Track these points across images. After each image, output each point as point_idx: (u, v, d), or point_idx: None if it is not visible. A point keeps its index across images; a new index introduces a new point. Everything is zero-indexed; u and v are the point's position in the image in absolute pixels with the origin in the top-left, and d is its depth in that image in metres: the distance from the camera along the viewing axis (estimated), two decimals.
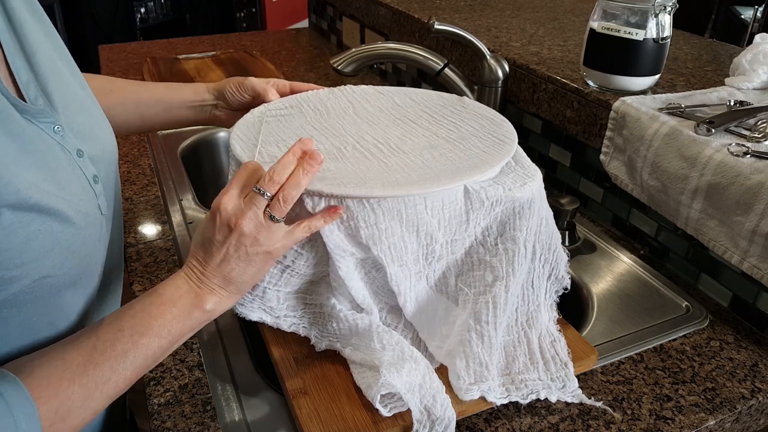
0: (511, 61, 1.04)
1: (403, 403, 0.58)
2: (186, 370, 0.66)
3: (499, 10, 1.42)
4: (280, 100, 0.77)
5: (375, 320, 0.63)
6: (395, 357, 0.60)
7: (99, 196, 0.55)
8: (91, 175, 0.54)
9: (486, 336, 0.61)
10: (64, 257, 0.49)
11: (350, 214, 0.57)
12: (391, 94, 0.80)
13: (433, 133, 0.70)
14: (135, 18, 3.59)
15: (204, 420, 0.60)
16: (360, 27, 1.66)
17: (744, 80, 0.88)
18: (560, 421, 0.62)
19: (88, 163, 0.54)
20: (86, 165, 0.54)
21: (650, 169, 0.80)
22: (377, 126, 0.71)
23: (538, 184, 0.63)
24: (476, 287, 0.63)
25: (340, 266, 0.59)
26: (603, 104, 0.88)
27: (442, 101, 0.78)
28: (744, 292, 0.78)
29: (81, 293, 0.55)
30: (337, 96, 0.79)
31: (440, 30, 0.94)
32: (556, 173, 1.07)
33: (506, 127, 0.70)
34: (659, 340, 0.74)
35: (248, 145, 0.65)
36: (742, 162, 0.69)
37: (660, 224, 0.89)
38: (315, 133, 0.69)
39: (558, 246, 0.67)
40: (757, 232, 0.68)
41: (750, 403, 0.66)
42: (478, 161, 0.62)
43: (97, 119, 0.60)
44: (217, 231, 0.52)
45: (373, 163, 0.62)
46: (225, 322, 0.74)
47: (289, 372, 0.63)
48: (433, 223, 0.58)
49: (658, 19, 0.83)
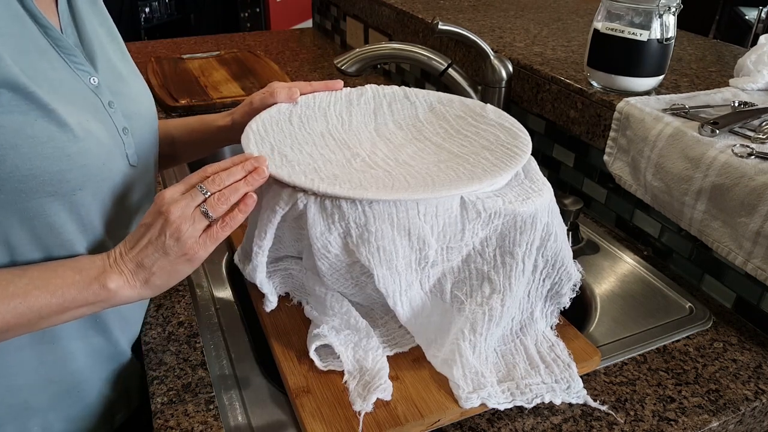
0: (515, 62, 1.04)
1: (341, 363, 0.62)
2: (189, 369, 0.66)
3: (502, 11, 1.42)
4: (309, 96, 0.75)
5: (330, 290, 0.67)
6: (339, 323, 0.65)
7: (128, 147, 0.61)
8: (121, 126, 0.61)
9: (479, 347, 0.62)
10: (59, 157, 0.53)
11: (342, 215, 0.57)
12: (416, 105, 0.78)
13: (445, 149, 0.70)
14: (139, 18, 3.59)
15: (207, 419, 0.60)
16: (364, 27, 1.66)
17: (748, 81, 0.88)
18: (563, 422, 0.62)
19: (119, 116, 0.61)
20: (117, 115, 0.60)
21: (654, 169, 0.80)
22: (392, 143, 0.72)
23: (544, 200, 0.61)
24: (473, 297, 0.63)
25: (321, 266, 0.61)
26: (607, 105, 0.88)
27: (464, 110, 0.76)
28: (748, 293, 0.78)
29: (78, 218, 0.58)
30: (366, 100, 0.78)
31: (444, 30, 0.94)
32: (560, 174, 1.07)
33: (522, 138, 0.68)
34: (662, 341, 0.74)
35: (263, 143, 0.65)
36: (746, 163, 0.69)
37: (663, 225, 0.89)
38: (331, 143, 0.71)
39: (567, 264, 0.65)
40: (761, 233, 0.68)
41: (754, 404, 0.65)
42: (481, 173, 0.62)
43: (137, 89, 0.67)
44: (149, 215, 0.55)
45: (377, 173, 0.63)
46: (228, 321, 0.74)
47: (292, 370, 0.63)
48: (425, 228, 0.58)
49: (663, 19, 0.83)
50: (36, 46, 0.54)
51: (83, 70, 0.58)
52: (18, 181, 0.52)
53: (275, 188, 0.60)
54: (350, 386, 0.60)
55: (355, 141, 0.72)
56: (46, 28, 0.55)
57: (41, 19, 0.54)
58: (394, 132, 0.75)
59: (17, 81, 0.50)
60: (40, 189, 0.53)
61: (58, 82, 0.55)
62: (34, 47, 0.54)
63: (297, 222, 0.62)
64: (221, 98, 1.36)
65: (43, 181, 0.53)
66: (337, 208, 0.57)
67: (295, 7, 3.67)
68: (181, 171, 1.11)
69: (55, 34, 0.56)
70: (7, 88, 0.49)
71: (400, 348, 0.65)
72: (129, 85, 0.66)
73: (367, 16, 1.62)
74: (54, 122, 0.52)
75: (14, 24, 0.52)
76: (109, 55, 0.64)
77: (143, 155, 0.65)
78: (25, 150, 0.51)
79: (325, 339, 0.63)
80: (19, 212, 0.54)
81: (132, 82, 0.67)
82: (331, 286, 0.65)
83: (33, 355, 0.61)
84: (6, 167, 0.51)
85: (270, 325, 0.69)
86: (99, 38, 0.64)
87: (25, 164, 0.51)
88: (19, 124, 0.50)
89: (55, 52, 0.56)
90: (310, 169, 0.63)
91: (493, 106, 0.75)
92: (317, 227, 0.58)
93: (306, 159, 0.65)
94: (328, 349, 0.64)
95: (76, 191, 0.56)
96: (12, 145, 0.50)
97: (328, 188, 0.56)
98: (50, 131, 0.52)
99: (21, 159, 0.51)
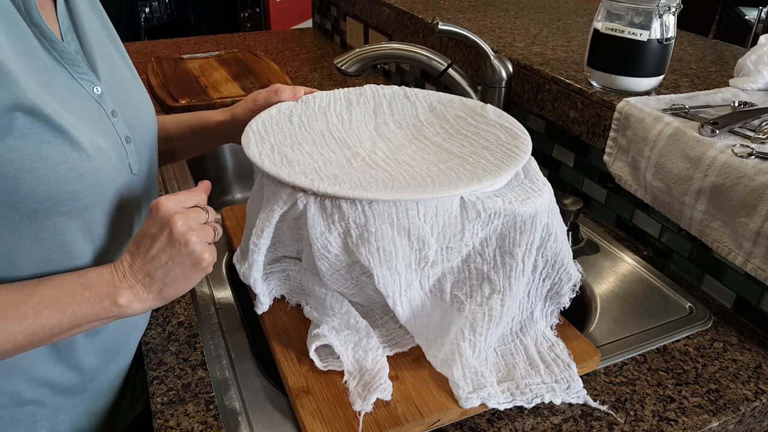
0: (515, 62, 1.04)
1: (341, 363, 0.62)
2: (189, 369, 0.66)
3: (502, 11, 1.42)
4: (309, 96, 0.76)
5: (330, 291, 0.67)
6: (339, 323, 0.64)
7: (130, 155, 0.60)
8: (123, 135, 0.60)
9: (478, 347, 0.62)
10: (73, 177, 0.53)
11: (342, 215, 0.57)
12: (417, 105, 0.78)
13: (445, 149, 0.70)
14: (139, 18, 3.59)
15: (207, 419, 0.60)
16: (364, 27, 1.66)
17: (748, 81, 0.88)
18: (563, 422, 0.62)
19: (122, 125, 0.60)
20: (119, 125, 0.60)
21: (654, 169, 0.80)
22: (392, 143, 0.72)
23: (544, 200, 0.61)
24: (473, 297, 0.63)
25: (321, 266, 0.61)
26: (607, 105, 0.88)
27: (464, 110, 0.76)
28: (748, 293, 0.78)
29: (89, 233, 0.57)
30: (365, 100, 0.78)
31: (444, 30, 0.94)
32: (560, 174, 1.07)
33: (522, 138, 0.68)
34: (662, 341, 0.74)
35: (263, 143, 0.65)
36: (746, 163, 0.69)
37: (663, 225, 0.89)
38: (331, 142, 0.71)
39: (567, 264, 0.65)
40: (761, 233, 0.68)
41: (754, 404, 0.65)
42: (481, 173, 0.62)
43: (137, 94, 0.66)
44: (153, 224, 0.54)
45: (377, 173, 0.63)
46: (228, 322, 0.74)
47: (292, 370, 0.63)
48: (425, 228, 0.58)
49: (663, 19, 0.83)
50: (43, 62, 0.53)
51: (86, 79, 0.57)
52: (34, 202, 0.51)
53: (275, 188, 0.60)
54: (350, 386, 0.60)
55: (355, 141, 0.72)
56: (53, 42, 0.54)
57: (47, 32, 0.53)
58: (394, 132, 0.75)
59: (32, 105, 0.49)
60: (55, 209, 0.53)
61: (63, 95, 0.54)
62: (42, 64, 0.53)
63: (297, 222, 0.62)
64: (221, 98, 1.36)
65: (57, 201, 0.53)
66: (337, 208, 0.57)
67: (295, 7, 3.67)
68: (181, 171, 1.11)
69: (61, 47, 0.55)
70: (22, 111, 0.48)
71: (400, 348, 0.65)
72: (130, 91, 0.65)
73: (367, 16, 1.62)
74: (67, 143, 0.52)
75: (22, 42, 0.51)
76: (110, 60, 0.63)
77: (144, 163, 0.64)
78: (41, 172, 0.50)
79: (325, 339, 0.63)
80: (32, 233, 0.53)
81: (133, 86, 0.66)
82: (331, 287, 0.65)
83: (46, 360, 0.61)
84: (22, 190, 0.50)
85: (270, 325, 0.69)
86: (101, 41, 0.63)
87: (41, 186, 0.51)
88: (34, 148, 0.50)
89: (60, 65, 0.55)
90: (310, 169, 0.63)
91: (493, 106, 0.75)
92: (317, 227, 0.58)
93: (306, 159, 0.66)
94: (328, 349, 0.64)
95: (88, 209, 0.56)
96: (28, 168, 0.50)
97: (328, 188, 0.56)
98: (64, 152, 0.52)
99: (37, 181, 0.50)
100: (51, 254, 0.56)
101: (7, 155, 0.48)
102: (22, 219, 0.52)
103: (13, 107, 0.48)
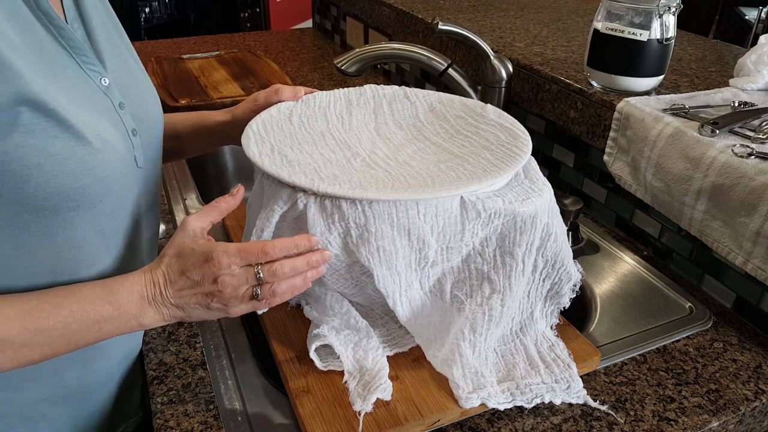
0: (515, 62, 1.04)
1: (341, 363, 0.62)
2: (189, 369, 0.66)
3: (502, 11, 1.42)
4: (309, 96, 0.76)
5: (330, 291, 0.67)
6: (339, 323, 0.65)
7: (137, 149, 0.60)
8: (130, 128, 0.60)
9: (478, 347, 0.62)
10: (81, 172, 0.52)
11: (342, 215, 0.57)
12: (417, 105, 0.78)
13: (445, 149, 0.70)
14: (139, 18, 3.59)
15: (207, 419, 0.60)
16: (364, 27, 1.66)
17: (748, 81, 0.88)
18: (563, 422, 0.62)
19: (129, 117, 0.60)
20: (126, 117, 0.59)
21: (654, 169, 0.80)
22: (392, 143, 0.72)
23: (544, 200, 0.61)
24: (473, 297, 0.63)
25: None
26: (607, 105, 0.88)
27: (464, 110, 0.76)
28: (748, 293, 0.78)
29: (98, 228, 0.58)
30: (365, 100, 0.78)
31: (444, 30, 0.94)
32: (560, 174, 1.07)
33: (522, 138, 0.68)
34: (662, 341, 0.74)
35: (263, 143, 0.65)
36: (746, 163, 0.69)
37: (663, 225, 0.89)
38: (331, 142, 0.71)
39: (567, 264, 0.65)
40: (761, 233, 0.68)
41: (754, 404, 0.65)
42: (481, 173, 0.62)
43: (144, 87, 0.66)
44: (200, 271, 0.54)
45: (377, 173, 0.63)
46: (228, 322, 0.74)
47: (292, 371, 0.63)
48: (425, 228, 0.58)
49: (663, 19, 0.83)
50: (50, 51, 0.52)
51: (94, 70, 0.57)
52: (42, 199, 0.51)
53: (275, 188, 0.60)
54: (350, 386, 0.60)
55: (355, 141, 0.72)
56: (61, 29, 0.53)
57: (56, 19, 0.52)
58: (395, 132, 0.75)
59: (37, 99, 0.48)
60: (63, 205, 0.53)
61: (70, 86, 0.53)
62: (49, 54, 0.52)
63: (297, 222, 0.62)
64: (221, 98, 1.36)
65: (66, 197, 0.52)
66: (337, 208, 0.57)
67: (295, 7, 3.67)
68: (181, 171, 1.11)
69: (69, 34, 0.54)
70: (27, 106, 0.48)
71: (400, 348, 0.65)
72: (138, 83, 0.64)
73: (367, 16, 1.62)
74: (73, 137, 0.51)
75: (28, 32, 0.50)
76: (117, 50, 0.62)
77: (150, 156, 0.64)
78: (48, 168, 0.50)
79: (325, 339, 0.63)
80: (41, 229, 0.53)
81: (140, 79, 0.66)
82: (331, 286, 0.65)
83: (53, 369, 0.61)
84: (30, 187, 0.50)
85: (270, 325, 0.69)
86: (107, 32, 0.62)
87: (48, 182, 0.50)
88: (41, 143, 0.49)
89: (67, 55, 0.54)
90: (310, 169, 0.63)
91: (493, 106, 0.75)
92: (317, 227, 0.58)
93: (306, 159, 0.66)
94: (328, 350, 0.64)
95: (97, 203, 0.56)
96: (35, 164, 0.49)
97: (328, 188, 0.56)
98: (71, 147, 0.51)
99: (44, 177, 0.50)
100: (60, 250, 0.56)
101: (14, 151, 0.48)
102: (31, 216, 0.52)
103: (17, 101, 0.47)
